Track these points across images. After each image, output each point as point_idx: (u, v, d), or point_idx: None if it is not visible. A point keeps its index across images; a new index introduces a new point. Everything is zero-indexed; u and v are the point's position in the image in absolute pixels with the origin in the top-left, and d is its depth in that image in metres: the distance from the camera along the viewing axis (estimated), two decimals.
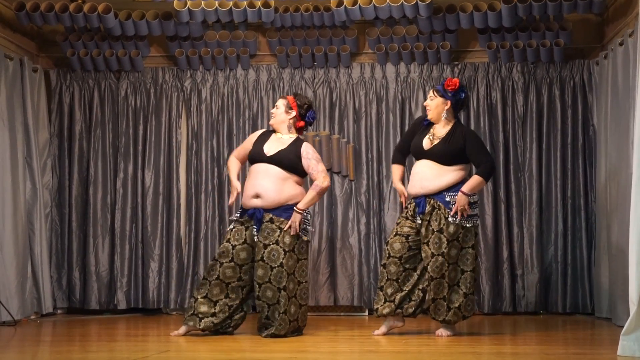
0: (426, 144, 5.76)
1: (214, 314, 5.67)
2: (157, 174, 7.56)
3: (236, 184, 5.78)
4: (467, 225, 5.68)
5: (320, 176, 5.74)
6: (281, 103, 5.86)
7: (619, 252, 6.18)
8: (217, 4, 7.10)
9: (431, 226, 5.67)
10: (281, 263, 5.57)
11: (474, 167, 5.86)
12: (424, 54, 7.44)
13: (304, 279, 5.73)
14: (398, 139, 7.44)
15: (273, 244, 5.60)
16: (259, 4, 7.11)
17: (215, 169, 7.56)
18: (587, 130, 7.38)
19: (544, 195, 7.40)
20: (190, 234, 7.54)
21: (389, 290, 5.72)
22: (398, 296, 5.71)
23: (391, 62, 7.55)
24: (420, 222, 5.69)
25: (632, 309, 4.53)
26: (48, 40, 7.68)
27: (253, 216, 5.65)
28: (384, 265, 5.76)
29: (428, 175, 5.72)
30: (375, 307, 5.79)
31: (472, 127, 7.44)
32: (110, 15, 7.10)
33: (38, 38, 7.67)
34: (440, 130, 5.79)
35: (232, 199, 5.76)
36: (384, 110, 7.53)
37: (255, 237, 5.64)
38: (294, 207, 5.66)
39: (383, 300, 5.74)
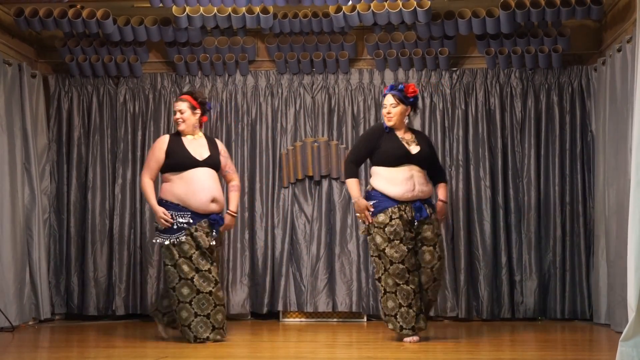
0: (408, 148, 5.72)
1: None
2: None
3: (160, 209, 5.58)
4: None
5: (237, 176, 5.93)
6: (184, 106, 5.76)
7: (618, 258, 6.18)
8: (215, 10, 7.11)
9: (436, 229, 5.72)
10: (216, 265, 5.72)
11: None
12: (422, 59, 7.45)
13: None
14: None
15: (219, 245, 5.74)
16: (257, 10, 7.11)
17: None
18: (586, 136, 7.39)
19: (542, 201, 7.40)
20: None
21: (420, 304, 5.65)
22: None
23: (389, 68, 7.55)
24: (417, 225, 5.67)
25: (631, 315, 4.53)
26: (47, 46, 7.68)
27: (217, 221, 5.64)
28: (406, 282, 5.57)
29: (422, 180, 5.74)
30: (409, 326, 5.62)
31: (471, 133, 7.45)
32: (109, 21, 7.11)
33: (37, 44, 7.67)
34: (407, 136, 5.81)
35: (169, 220, 5.55)
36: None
37: (213, 242, 5.64)
38: (228, 211, 5.77)
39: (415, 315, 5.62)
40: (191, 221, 5.57)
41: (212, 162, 5.71)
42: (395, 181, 5.66)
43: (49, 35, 7.62)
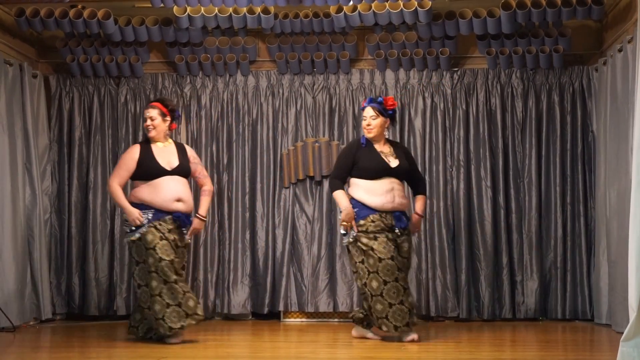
0: (388, 161, 5.78)
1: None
2: None
3: (136, 210, 5.65)
4: None
5: (209, 181, 6.02)
6: (155, 113, 5.84)
7: (619, 258, 6.18)
8: (216, 10, 7.11)
9: (410, 242, 5.85)
10: (183, 266, 5.78)
11: None
12: (423, 60, 7.45)
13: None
14: None
15: (183, 247, 5.76)
16: (258, 10, 7.11)
17: (215, 175, 7.56)
18: (587, 137, 7.38)
19: (543, 201, 7.40)
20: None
21: (410, 300, 5.74)
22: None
23: (390, 68, 7.55)
24: (399, 234, 5.74)
25: (632, 315, 4.53)
26: (48, 46, 7.68)
27: (179, 219, 5.69)
28: (396, 279, 5.62)
29: (401, 193, 5.83)
30: (402, 322, 5.65)
31: (472, 133, 7.45)
32: (110, 21, 7.11)
33: (38, 44, 7.67)
34: (385, 148, 5.87)
35: (141, 219, 5.62)
36: None
37: (189, 240, 5.77)
38: (197, 215, 5.87)
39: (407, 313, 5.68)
40: (150, 217, 5.64)
41: (181, 171, 5.82)
42: (375, 192, 5.73)
43: (50, 35, 7.62)
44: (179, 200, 5.70)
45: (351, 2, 6.92)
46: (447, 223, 7.36)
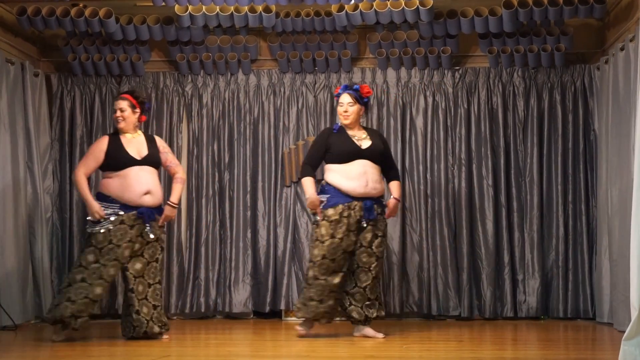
0: (360, 144, 5.83)
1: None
2: None
3: (96, 205, 5.67)
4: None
5: (181, 169, 6.02)
6: (125, 104, 5.87)
7: (620, 257, 6.18)
8: (218, 9, 7.11)
9: (377, 230, 5.81)
10: (157, 259, 5.75)
11: None
12: (425, 58, 7.45)
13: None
14: (399, 144, 7.46)
15: (154, 241, 5.73)
16: (260, 8, 7.11)
17: (216, 174, 7.56)
18: (588, 135, 7.38)
19: (544, 200, 7.40)
20: (191, 238, 7.54)
21: (331, 303, 5.82)
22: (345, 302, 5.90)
23: (392, 67, 7.55)
24: (365, 225, 5.77)
25: (634, 314, 4.52)
26: (49, 45, 7.69)
27: (144, 214, 5.69)
28: (326, 280, 5.74)
29: (375, 177, 5.85)
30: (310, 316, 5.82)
31: (473, 132, 7.45)
32: (112, 19, 7.11)
33: (39, 42, 7.67)
34: (359, 133, 5.92)
35: (101, 214, 5.64)
36: (384, 115, 7.54)
37: (152, 235, 5.72)
38: (169, 202, 5.86)
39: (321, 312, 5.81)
40: (120, 212, 5.66)
41: (151, 160, 5.82)
42: (349, 175, 5.79)
43: (51, 34, 7.62)
44: (147, 192, 5.70)
45: (353, 1, 6.92)
46: (448, 222, 7.35)
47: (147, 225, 5.71)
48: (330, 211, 5.76)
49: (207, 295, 7.45)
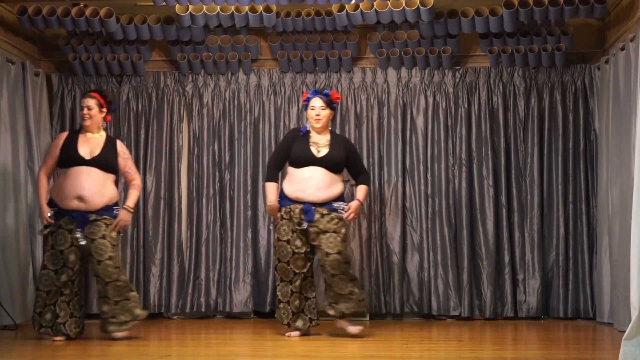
0: (315, 151, 5.86)
1: (57, 317, 5.70)
2: (158, 179, 7.56)
3: (46, 209, 5.71)
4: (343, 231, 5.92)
5: (138, 177, 5.95)
6: (93, 103, 5.86)
7: (621, 257, 6.18)
8: (218, 9, 7.11)
9: (319, 227, 5.78)
10: (110, 257, 5.66)
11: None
12: (425, 58, 7.45)
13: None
14: (400, 144, 7.46)
15: (100, 238, 5.66)
16: (260, 8, 7.11)
17: (217, 174, 7.56)
18: (589, 135, 7.38)
19: (545, 200, 7.40)
20: (191, 238, 7.55)
21: (297, 303, 5.90)
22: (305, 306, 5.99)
23: (393, 67, 7.55)
24: (305, 227, 5.79)
25: (634, 313, 4.52)
26: (50, 45, 7.69)
27: (75, 219, 5.66)
28: (290, 282, 5.85)
29: (323, 184, 5.84)
30: (284, 321, 5.92)
31: (474, 132, 7.45)
32: (112, 19, 7.11)
33: (40, 42, 7.67)
34: (322, 138, 5.94)
35: (47, 220, 5.69)
36: (385, 115, 7.54)
37: (82, 242, 5.65)
38: (124, 206, 5.78)
39: (291, 314, 5.90)
40: (55, 217, 5.69)
41: (101, 162, 5.75)
42: (293, 179, 5.87)
43: (52, 33, 7.62)
44: (79, 198, 5.65)
45: (353, 1, 6.92)
46: (449, 222, 7.36)
47: (79, 230, 5.66)
48: (279, 215, 5.88)
49: (207, 295, 7.45)
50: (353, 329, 5.89)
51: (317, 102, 5.94)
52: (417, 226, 7.41)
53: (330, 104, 5.96)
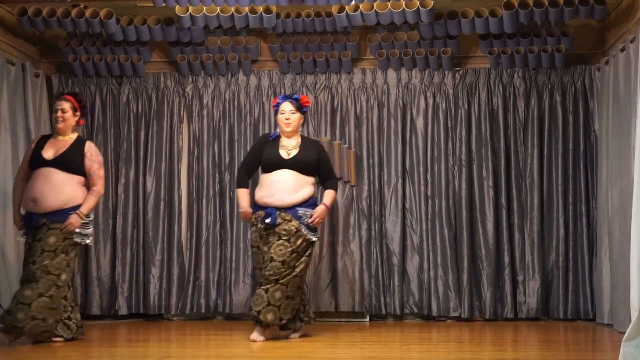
0: (285, 154, 5.87)
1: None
2: (158, 180, 7.56)
3: (17, 216, 5.76)
4: (313, 239, 5.87)
5: (100, 183, 5.79)
6: (67, 106, 5.83)
7: (621, 258, 6.17)
8: (218, 10, 7.11)
9: (275, 230, 5.76)
10: (34, 261, 5.57)
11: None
12: (425, 59, 7.45)
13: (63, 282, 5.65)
14: (400, 145, 7.46)
15: (36, 241, 5.61)
16: (260, 9, 7.12)
17: (217, 175, 7.56)
18: (589, 136, 7.38)
19: (545, 201, 7.40)
20: (191, 239, 7.55)
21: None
22: None
23: (392, 68, 7.55)
24: (261, 226, 5.80)
25: (634, 315, 4.52)
26: (50, 46, 7.69)
27: (29, 220, 5.66)
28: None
29: (288, 187, 5.82)
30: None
31: (474, 133, 7.45)
32: (112, 20, 7.11)
33: (40, 43, 7.68)
34: (291, 142, 5.95)
35: (18, 227, 5.75)
36: (385, 116, 7.54)
37: (22, 238, 5.72)
38: (77, 211, 5.63)
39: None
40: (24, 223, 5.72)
41: (64, 162, 5.68)
42: (262, 184, 5.91)
43: (52, 34, 7.63)
44: (33, 200, 5.63)
45: (353, 2, 6.92)
46: (448, 223, 7.36)
47: (25, 232, 5.67)
48: (252, 221, 5.94)
49: (207, 296, 7.45)
50: (255, 335, 5.75)
51: (287, 107, 5.95)
52: (417, 227, 7.41)
53: (300, 108, 5.98)
